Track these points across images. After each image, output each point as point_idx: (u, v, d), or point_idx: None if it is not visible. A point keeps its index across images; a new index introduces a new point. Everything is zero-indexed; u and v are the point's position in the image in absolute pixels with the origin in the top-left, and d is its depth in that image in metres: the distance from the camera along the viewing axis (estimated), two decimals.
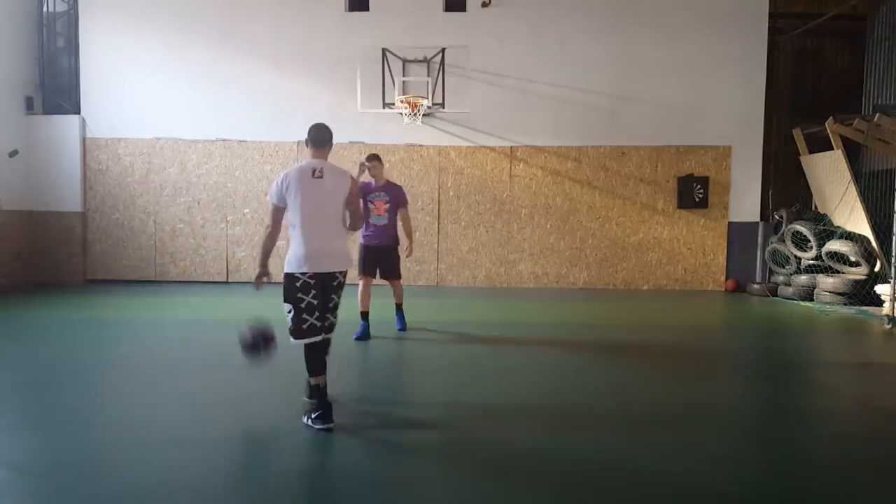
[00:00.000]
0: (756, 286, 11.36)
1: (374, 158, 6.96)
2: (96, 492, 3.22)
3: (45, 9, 11.71)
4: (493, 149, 11.68)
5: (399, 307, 7.45)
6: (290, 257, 4.15)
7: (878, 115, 10.21)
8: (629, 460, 3.67)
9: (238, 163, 11.71)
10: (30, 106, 11.50)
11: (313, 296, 4.10)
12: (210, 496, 3.19)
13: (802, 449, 4.02)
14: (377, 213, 6.95)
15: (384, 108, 10.80)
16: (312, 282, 4.10)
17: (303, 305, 4.09)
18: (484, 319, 8.40)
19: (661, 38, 11.55)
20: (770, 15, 11.68)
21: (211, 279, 11.75)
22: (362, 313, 6.97)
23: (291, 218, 4.17)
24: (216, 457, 3.68)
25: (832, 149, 10.77)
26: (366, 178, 6.90)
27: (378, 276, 7.08)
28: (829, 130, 10.71)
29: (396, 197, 7.07)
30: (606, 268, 11.78)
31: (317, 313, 4.12)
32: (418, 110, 10.41)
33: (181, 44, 11.60)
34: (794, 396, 5.23)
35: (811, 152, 11.61)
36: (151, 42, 11.61)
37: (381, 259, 7.04)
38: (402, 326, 7.38)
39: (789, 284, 10.90)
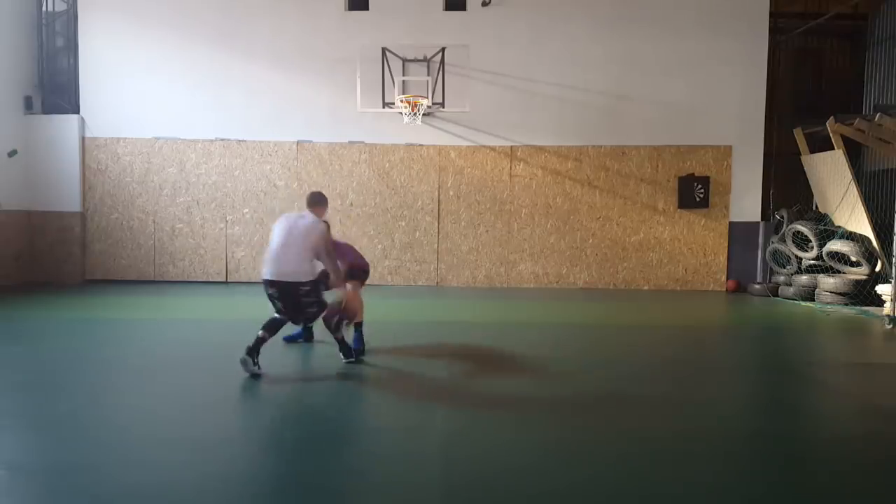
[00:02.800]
0: (757, 286, 11.34)
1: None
2: (95, 492, 3.20)
3: (44, 8, 11.68)
4: (493, 148, 11.66)
5: (357, 326, 6.24)
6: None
7: (879, 114, 10.20)
8: (626, 458, 3.66)
9: (237, 162, 11.70)
10: (29, 105, 11.48)
11: (280, 304, 5.52)
12: (209, 496, 3.18)
13: (802, 448, 4.00)
14: None
15: (384, 107, 10.79)
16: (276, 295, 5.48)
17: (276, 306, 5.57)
18: (483, 320, 8.38)
19: (662, 37, 11.54)
20: (771, 14, 11.66)
21: (210, 279, 11.73)
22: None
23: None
24: (215, 457, 3.66)
25: (833, 149, 10.75)
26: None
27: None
28: (829, 130, 10.69)
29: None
30: (607, 268, 11.77)
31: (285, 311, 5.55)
32: (418, 110, 10.40)
33: (180, 43, 11.58)
34: (795, 396, 5.22)
35: (812, 152, 11.59)
36: (151, 41, 11.58)
37: None
38: (358, 346, 6.13)
39: (790, 284, 10.88)
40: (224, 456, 3.70)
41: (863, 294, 9.63)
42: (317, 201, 5.89)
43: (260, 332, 5.29)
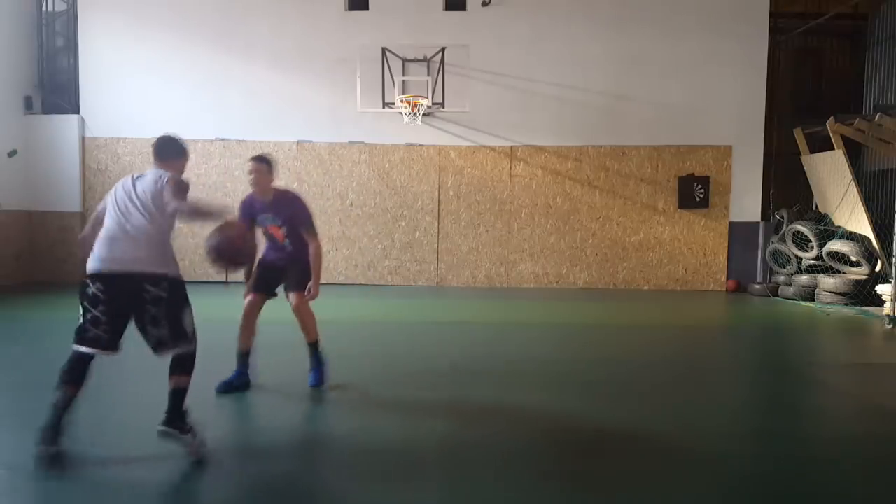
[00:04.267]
0: (757, 286, 11.34)
1: (259, 160, 4.90)
2: (95, 492, 3.20)
3: (44, 8, 11.69)
4: (493, 148, 11.66)
5: (313, 346, 4.97)
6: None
7: (879, 114, 10.20)
8: (625, 457, 3.66)
9: (237, 163, 11.69)
10: (29, 105, 11.48)
11: (102, 310, 3.51)
12: (207, 495, 3.17)
13: (803, 448, 3.99)
14: (278, 241, 4.98)
15: (384, 107, 10.79)
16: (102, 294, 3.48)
17: (88, 316, 3.57)
18: (483, 320, 8.38)
19: (662, 37, 11.53)
20: (771, 14, 11.67)
21: (210, 279, 11.72)
22: (240, 352, 4.95)
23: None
24: (212, 456, 3.66)
25: (833, 149, 10.76)
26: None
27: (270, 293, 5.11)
28: (829, 130, 10.69)
29: (291, 217, 4.88)
30: (607, 268, 11.77)
31: (104, 326, 3.54)
32: (418, 110, 10.40)
33: (180, 43, 11.58)
34: (795, 396, 5.22)
35: (812, 152, 11.59)
36: (151, 41, 11.59)
37: (281, 275, 5.03)
38: (316, 380, 4.91)
39: (790, 284, 10.88)
40: (222, 455, 3.70)
41: (863, 294, 9.63)
42: (170, 151, 4.09)
43: (58, 394, 3.48)
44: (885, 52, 11.89)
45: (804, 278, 10.59)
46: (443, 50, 10.75)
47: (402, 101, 10.41)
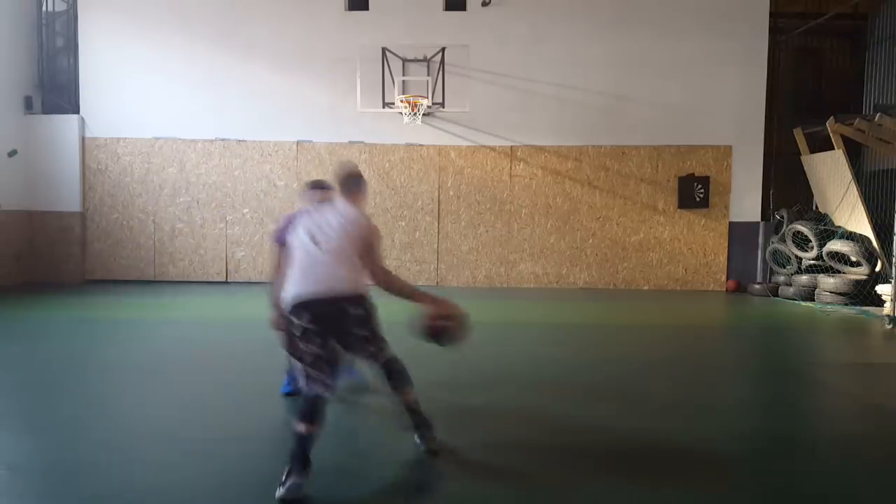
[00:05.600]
0: (757, 286, 11.34)
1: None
2: (95, 492, 3.20)
3: (44, 8, 11.69)
4: (493, 148, 11.66)
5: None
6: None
7: (879, 114, 10.20)
8: (625, 457, 3.66)
9: (237, 162, 11.70)
10: (29, 105, 11.48)
11: (319, 344, 3.39)
12: (207, 496, 3.17)
13: (803, 449, 4.00)
14: None
15: (384, 107, 10.79)
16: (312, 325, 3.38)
17: (308, 359, 3.39)
18: (483, 320, 8.37)
19: (662, 37, 11.53)
20: (771, 14, 11.67)
21: (210, 279, 11.73)
22: None
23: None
24: (213, 457, 3.66)
25: (833, 149, 10.76)
26: None
27: None
28: (829, 130, 10.69)
29: None
30: (607, 268, 11.76)
31: (323, 363, 3.39)
32: (418, 110, 10.40)
33: (180, 43, 11.58)
34: (796, 396, 5.21)
35: (812, 152, 11.59)
36: (151, 41, 11.58)
37: None
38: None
39: (790, 284, 10.87)
40: (223, 455, 3.70)
41: (863, 294, 9.63)
42: (354, 183, 3.80)
43: (300, 428, 3.27)
44: (885, 52, 11.89)
45: (804, 278, 10.59)
46: (443, 50, 10.75)
47: (402, 101, 10.41)
